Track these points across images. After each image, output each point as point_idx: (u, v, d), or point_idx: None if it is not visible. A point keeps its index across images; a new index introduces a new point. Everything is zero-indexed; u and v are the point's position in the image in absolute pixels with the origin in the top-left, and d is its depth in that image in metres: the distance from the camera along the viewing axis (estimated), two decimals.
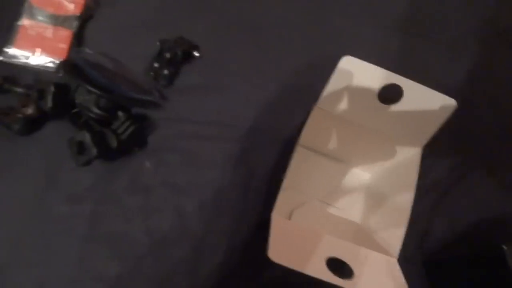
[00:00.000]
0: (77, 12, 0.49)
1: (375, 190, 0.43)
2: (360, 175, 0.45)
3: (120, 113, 0.41)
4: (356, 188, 0.45)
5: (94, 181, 0.42)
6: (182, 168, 0.44)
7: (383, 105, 0.37)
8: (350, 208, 0.43)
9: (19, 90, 0.43)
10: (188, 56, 0.50)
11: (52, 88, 0.39)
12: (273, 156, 0.45)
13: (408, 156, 0.38)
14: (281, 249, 0.28)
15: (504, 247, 0.34)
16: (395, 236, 0.32)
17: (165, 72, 0.48)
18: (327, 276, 0.27)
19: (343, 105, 0.38)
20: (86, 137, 0.38)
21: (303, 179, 0.43)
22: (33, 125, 0.42)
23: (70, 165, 0.43)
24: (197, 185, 0.43)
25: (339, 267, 0.29)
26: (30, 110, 0.40)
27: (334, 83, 0.37)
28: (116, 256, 0.39)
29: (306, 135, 0.35)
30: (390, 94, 0.37)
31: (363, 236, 0.38)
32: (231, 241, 0.41)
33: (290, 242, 0.31)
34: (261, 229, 0.33)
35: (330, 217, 0.42)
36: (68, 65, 0.42)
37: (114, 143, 0.40)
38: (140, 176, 0.43)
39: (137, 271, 0.39)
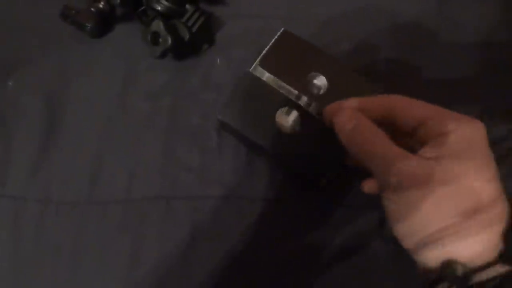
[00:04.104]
0: None
1: None
2: None
3: (188, 6, 0.40)
4: None
5: (168, 79, 0.43)
6: (253, 63, 0.42)
7: None
8: None
9: None
10: None
11: None
12: (345, 50, 0.42)
13: None
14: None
15: None
16: None
17: None
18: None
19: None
20: (160, 26, 0.37)
21: None
22: (104, 23, 0.42)
23: (143, 65, 0.44)
24: None
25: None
26: (101, 5, 0.40)
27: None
28: (196, 148, 0.41)
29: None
30: None
31: None
32: None
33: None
34: None
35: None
36: None
37: (186, 35, 0.39)
38: (211, 73, 0.43)
39: (215, 161, 0.40)
